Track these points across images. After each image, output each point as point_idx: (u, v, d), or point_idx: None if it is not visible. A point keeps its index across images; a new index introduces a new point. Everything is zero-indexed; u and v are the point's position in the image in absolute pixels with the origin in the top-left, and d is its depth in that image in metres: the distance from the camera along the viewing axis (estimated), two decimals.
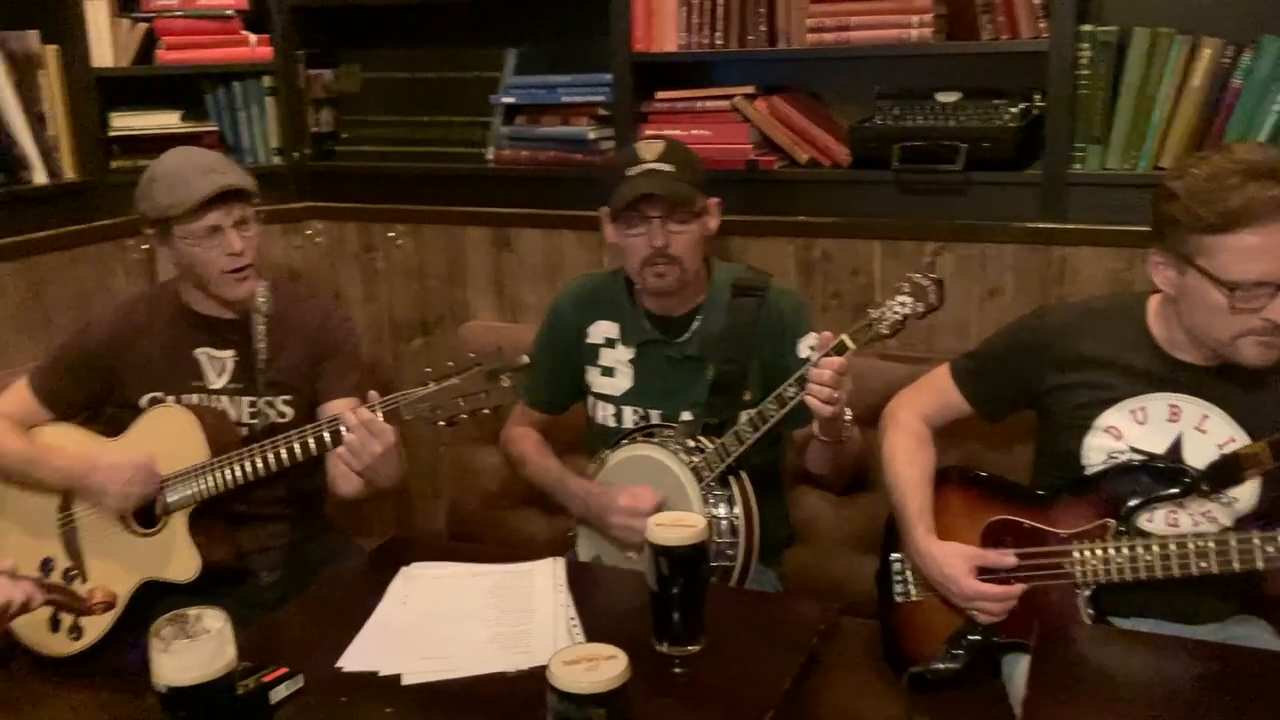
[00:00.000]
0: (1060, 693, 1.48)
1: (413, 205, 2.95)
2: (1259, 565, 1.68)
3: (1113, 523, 1.80)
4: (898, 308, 1.83)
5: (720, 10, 2.49)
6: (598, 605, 1.71)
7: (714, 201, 2.15)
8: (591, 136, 2.69)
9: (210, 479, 2.07)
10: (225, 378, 2.22)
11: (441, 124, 2.90)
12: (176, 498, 2.09)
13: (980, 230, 2.41)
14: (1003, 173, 2.36)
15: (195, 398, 2.20)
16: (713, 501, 2.01)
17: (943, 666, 1.90)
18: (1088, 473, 1.86)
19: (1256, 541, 1.68)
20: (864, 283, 2.54)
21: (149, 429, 2.17)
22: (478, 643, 1.60)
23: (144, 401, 2.20)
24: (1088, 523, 1.82)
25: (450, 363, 1.83)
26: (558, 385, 2.31)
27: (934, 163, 2.36)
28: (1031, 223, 2.37)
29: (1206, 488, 1.76)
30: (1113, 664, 1.59)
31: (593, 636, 1.57)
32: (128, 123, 2.90)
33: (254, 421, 2.21)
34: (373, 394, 1.90)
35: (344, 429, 1.90)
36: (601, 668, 1.25)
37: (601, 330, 2.25)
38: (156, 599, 2.07)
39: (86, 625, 2.13)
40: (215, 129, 2.97)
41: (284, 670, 1.47)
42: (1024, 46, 2.30)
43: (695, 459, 2.02)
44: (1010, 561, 1.84)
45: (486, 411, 1.81)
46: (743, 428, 1.97)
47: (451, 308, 2.99)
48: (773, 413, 1.92)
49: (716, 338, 2.15)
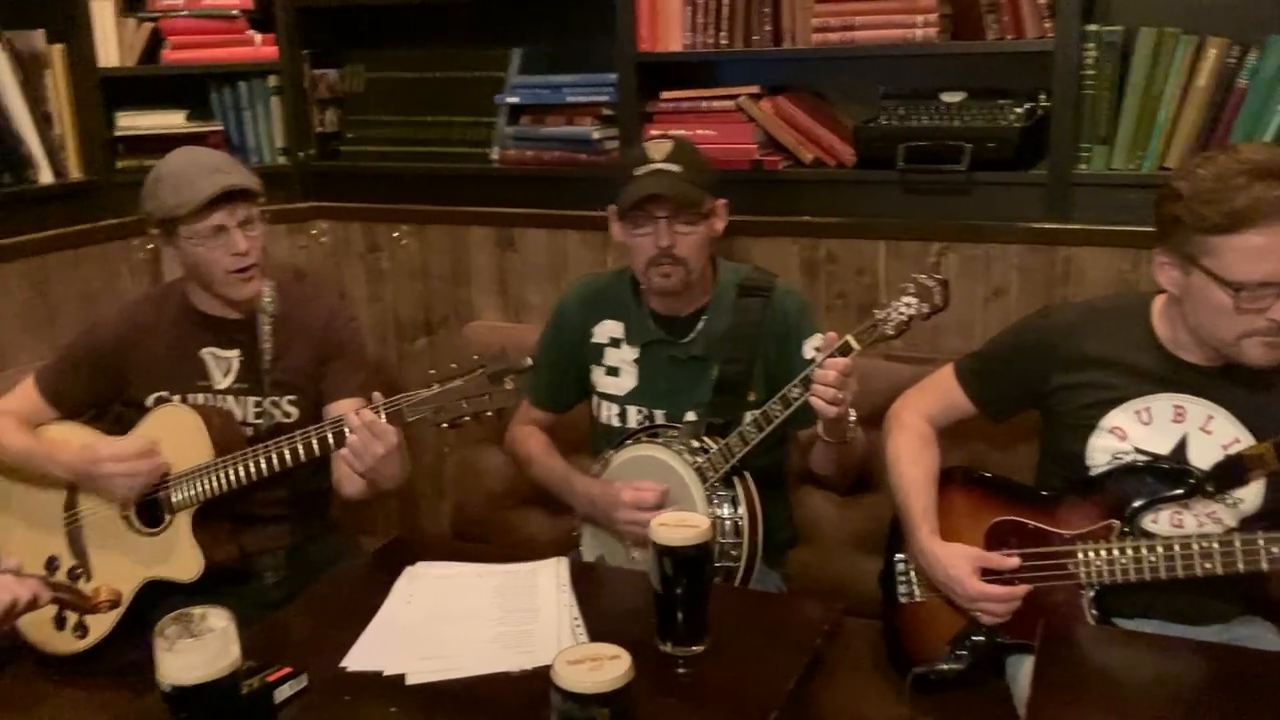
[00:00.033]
0: (1064, 694, 1.47)
1: (417, 205, 2.96)
2: (1264, 566, 1.68)
3: (1117, 524, 1.79)
4: (903, 309, 1.83)
5: (725, 10, 2.49)
6: (601, 605, 1.71)
7: (721, 203, 2.14)
8: (596, 136, 2.69)
9: (214, 479, 2.07)
10: (231, 378, 2.22)
11: (446, 124, 2.90)
12: (181, 497, 2.10)
13: (985, 230, 2.41)
14: (1008, 173, 2.36)
15: (201, 397, 2.21)
16: (717, 502, 2.01)
17: (947, 667, 1.89)
18: (1092, 473, 1.85)
19: (1261, 543, 1.68)
20: (869, 283, 2.54)
21: (154, 428, 2.17)
22: (481, 642, 1.60)
23: (150, 401, 2.21)
24: (1092, 523, 1.81)
25: (454, 364, 1.83)
26: (562, 384, 2.31)
27: (939, 163, 2.36)
28: (1036, 223, 2.37)
29: (1211, 489, 1.76)
30: (1117, 665, 1.59)
31: (596, 636, 1.57)
32: (133, 122, 2.90)
33: (259, 421, 2.21)
34: (376, 395, 1.90)
35: (347, 430, 1.90)
36: (605, 668, 1.25)
37: (607, 329, 2.24)
38: (160, 598, 2.07)
39: (91, 624, 2.13)
40: (220, 128, 2.97)
41: (288, 670, 1.48)
42: (1029, 46, 2.29)
43: (699, 459, 2.02)
44: (1013, 563, 1.84)
45: (489, 414, 1.81)
46: (747, 428, 1.97)
47: (456, 308, 2.99)
48: (777, 413, 1.92)
49: (721, 338, 2.14)
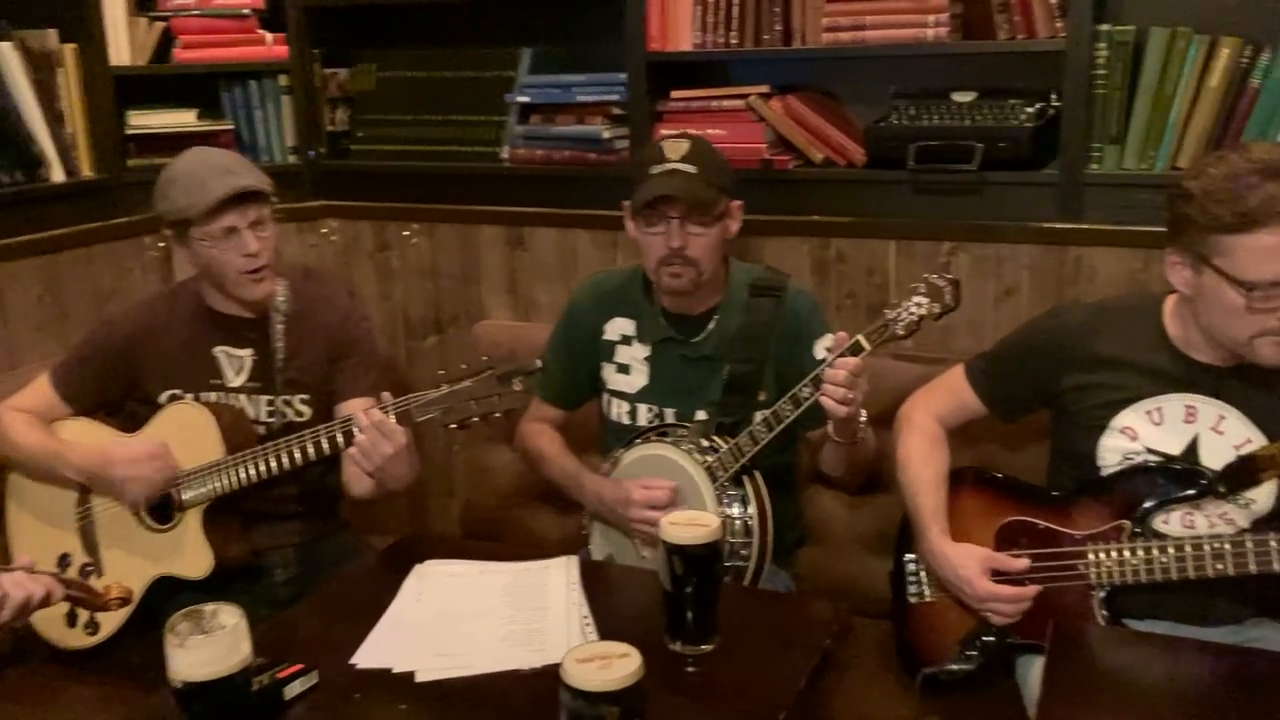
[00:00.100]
0: (1075, 694, 1.47)
1: (427, 204, 2.96)
2: (1276, 568, 1.67)
3: (1128, 524, 1.79)
4: (914, 309, 1.82)
5: (735, 9, 2.49)
6: (611, 604, 1.71)
7: (737, 204, 2.13)
8: (606, 136, 2.69)
9: (225, 477, 2.08)
10: (243, 376, 2.23)
11: (456, 123, 2.90)
12: (192, 495, 2.10)
13: (996, 230, 2.41)
14: (1019, 173, 2.35)
15: (213, 395, 2.21)
16: (727, 501, 2.01)
17: (956, 668, 1.89)
18: (1103, 474, 1.85)
19: (1273, 543, 1.67)
20: (879, 282, 2.54)
21: (166, 425, 2.18)
22: (491, 640, 1.60)
23: (163, 398, 2.22)
24: (1103, 524, 1.81)
25: (463, 365, 1.83)
26: (573, 381, 2.31)
27: (950, 162, 2.35)
28: (1048, 223, 2.36)
29: (1223, 489, 1.75)
30: (1127, 666, 1.58)
31: (606, 635, 1.57)
32: (145, 121, 2.91)
33: (271, 420, 2.21)
34: (385, 395, 1.91)
35: (355, 430, 1.90)
36: (615, 666, 1.25)
37: (618, 327, 2.24)
38: (171, 596, 2.08)
39: (102, 620, 2.14)
40: (231, 127, 2.98)
41: (298, 666, 1.48)
42: (1040, 46, 2.28)
43: (709, 458, 2.02)
44: (1022, 565, 1.83)
45: (498, 415, 1.82)
46: (757, 428, 1.97)
47: (465, 307, 2.99)
48: (787, 413, 1.92)
49: (732, 337, 2.14)
